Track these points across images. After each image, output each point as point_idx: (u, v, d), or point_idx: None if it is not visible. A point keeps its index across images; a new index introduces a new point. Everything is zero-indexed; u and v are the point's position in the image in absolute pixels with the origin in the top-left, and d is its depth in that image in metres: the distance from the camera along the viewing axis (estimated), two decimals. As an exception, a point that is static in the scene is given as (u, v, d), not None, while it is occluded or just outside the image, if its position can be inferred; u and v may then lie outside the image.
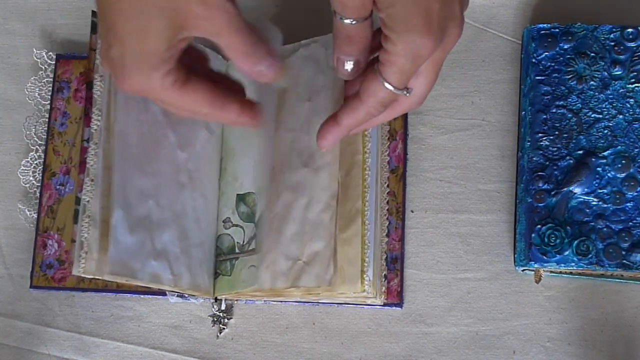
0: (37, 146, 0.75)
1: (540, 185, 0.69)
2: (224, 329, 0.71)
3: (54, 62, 0.77)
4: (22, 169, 0.75)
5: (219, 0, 0.52)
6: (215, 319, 0.71)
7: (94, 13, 0.65)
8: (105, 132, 0.63)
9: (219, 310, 0.71)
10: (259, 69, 0.55)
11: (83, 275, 0.62)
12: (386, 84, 0.55)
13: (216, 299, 0.71)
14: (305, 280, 0.65)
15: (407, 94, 0.56)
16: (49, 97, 0.76)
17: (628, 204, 0.68)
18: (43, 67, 0.77)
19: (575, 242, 0.68)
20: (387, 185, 0.71)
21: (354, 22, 0.54)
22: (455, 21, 0.55)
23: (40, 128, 0.76)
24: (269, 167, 0.69)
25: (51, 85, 0.76)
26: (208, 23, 0.52)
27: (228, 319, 0.71)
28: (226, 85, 0.59)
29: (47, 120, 0.76)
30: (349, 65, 0.57)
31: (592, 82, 0.71)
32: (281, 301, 0.71)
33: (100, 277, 0.62)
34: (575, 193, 0.69)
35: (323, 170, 0.66)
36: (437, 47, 0.54)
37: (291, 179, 0.67)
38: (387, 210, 0.71)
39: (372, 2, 0.52)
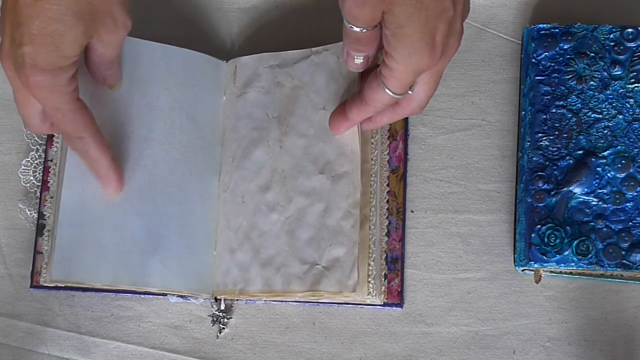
0: (37, 146, 0.75)
1: (540, 185, 0.69)
2: (223, 328, 0.71)
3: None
4: (23, 169, 0.75)
5: (123, 19, 0.61)
6: (215, 319, 0.71)
7: None
8: (60, 152, 0.70)
9: (218, 310, 0.71)
10: (107, 74, 0.67)
11: (48, 285, 0.68)
12: (387, 91, 0.59)
13: (216, 299, 0.71)
14: (325, 285, 0.65)
15: (410, 92, 0.60)
16: (49, 97, 0.76)
17: (628, 204, 0.68)
18: (43, 67, 0.77)
19: (575, 242, 0.68)
20: (387, 185, 0.71)
21: (363, 31, 0.56)
22: (456, 36, 0.57)
23: (41, 128, 0.76)
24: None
25: (51, 85, 0.77)
26: (111, 36, 0.61)
27: (228, 319, 0.71)
28: None
29: (47, 120, 0.76)
30: (358, 60, 0.61)
31: (592, 82, 0.71)
32: (281, 301, 0.71)
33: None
34: (575, 193, 0.69)
35: (343, 178, 0.67)
36: (438, 62, 0.56)
37: (305, 184, 0.68)
38: (388, 210, 0.71)
39: (382, 16, 0.54)
